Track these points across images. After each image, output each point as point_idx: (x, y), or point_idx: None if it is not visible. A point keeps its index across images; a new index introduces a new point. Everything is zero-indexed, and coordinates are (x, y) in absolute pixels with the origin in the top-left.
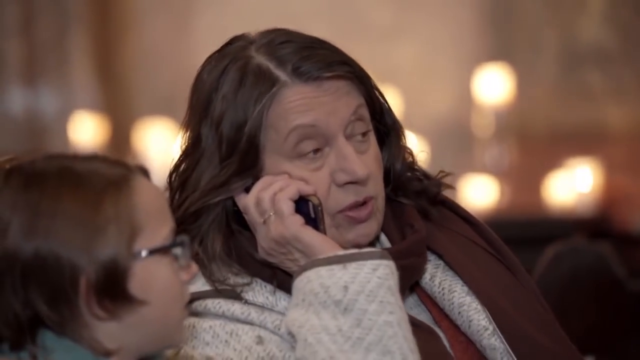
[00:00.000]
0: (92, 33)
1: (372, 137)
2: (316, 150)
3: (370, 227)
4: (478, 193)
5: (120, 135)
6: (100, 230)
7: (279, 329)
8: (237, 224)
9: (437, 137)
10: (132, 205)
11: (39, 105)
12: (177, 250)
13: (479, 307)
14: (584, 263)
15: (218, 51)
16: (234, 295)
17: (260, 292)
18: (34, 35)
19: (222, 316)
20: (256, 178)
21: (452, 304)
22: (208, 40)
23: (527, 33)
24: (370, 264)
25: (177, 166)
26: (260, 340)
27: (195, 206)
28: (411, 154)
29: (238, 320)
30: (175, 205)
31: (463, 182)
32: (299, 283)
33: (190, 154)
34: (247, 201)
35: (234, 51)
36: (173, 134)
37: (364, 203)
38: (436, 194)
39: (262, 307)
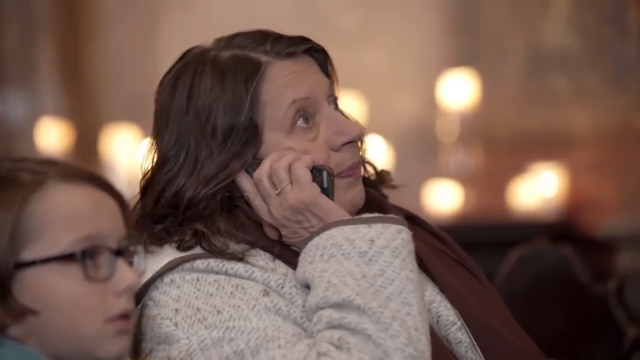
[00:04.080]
0: (58, 39)
1: None
2: (307, 121)
3: (362, 188)
4: (443, 198)
5: (87, 141)
6: None
7: (281, 287)
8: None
9: (402, 141)
10: (27, 212)
11: (5, 111)
12: (91, 260)
13: (449, 305)
14: (547, 267)
15: (175, 64)
16: (236, 257)
17: (260, 257)
18: (0, 42)
19: (225, 273)
20: (254, 158)
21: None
22: (174, 47)
23: (492, 38)
24: (394, 227)
25: (159, 167)
26: (266, 293)
27: (203, 194)
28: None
29: (242, 277)
30: (159, 202)
31: (428, 186)
32: (318, 241)
33: (173, 155)
34: (259, 175)
35: (196, 56)
36: (139, 139)
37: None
38: (409, 214)
39: (263, 269)
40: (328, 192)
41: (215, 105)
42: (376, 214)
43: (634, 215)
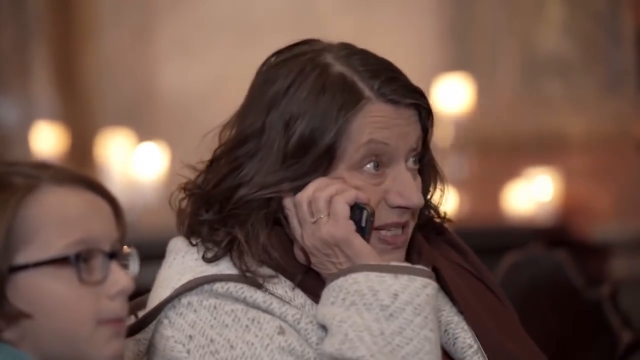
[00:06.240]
0: (53, 43)
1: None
2: (378, 168)
3: (401, 254)
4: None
5: (82, 145)
6: None
7: (298, 323)
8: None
9: None
10: (21, 215)
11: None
12: (84, 263)
13: (466, 327)
14: (542, 272)
15: (289, 48)
16: (256, 283)
17: (280, 285)
18: None
19: (243, 301)
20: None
21: (439, 322)
22: (169, 51)
23: (487, 43)
24: (421, 280)
25: (233, 147)
26: (282, 331)
27: (252, 197)
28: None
29: (259, 308)
30: (219, 186)
31: None
32: (343, 282)
33: (250, 142)
34: (300, 198)
35: (309, 53)
36: (134, 144)
37: (402, 227)
38: (439, 229)
39: (281, 299)
40: (364, 232)
41: (302, 116)
42: (405, 264)
43: (628, 221)
